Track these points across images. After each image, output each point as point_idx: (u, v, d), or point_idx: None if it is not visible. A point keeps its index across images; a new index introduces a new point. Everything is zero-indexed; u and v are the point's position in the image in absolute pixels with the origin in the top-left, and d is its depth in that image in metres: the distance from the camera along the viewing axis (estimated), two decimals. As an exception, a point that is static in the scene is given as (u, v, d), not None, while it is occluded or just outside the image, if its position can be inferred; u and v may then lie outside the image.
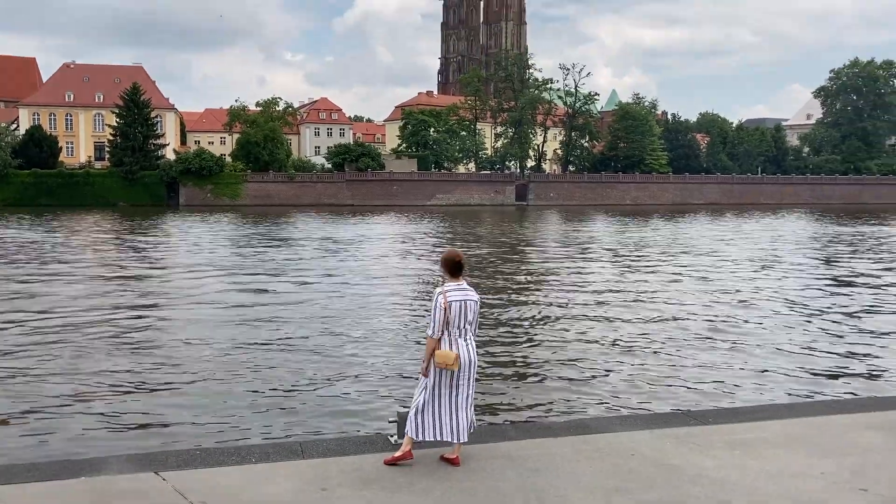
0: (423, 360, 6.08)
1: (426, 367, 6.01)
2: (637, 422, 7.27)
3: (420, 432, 6.01)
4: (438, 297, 5.93)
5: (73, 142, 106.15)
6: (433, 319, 5.93)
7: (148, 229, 49.88)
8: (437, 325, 5.91)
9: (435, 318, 5.92)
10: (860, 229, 53.70)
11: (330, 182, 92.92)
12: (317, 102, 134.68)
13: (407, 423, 6.08)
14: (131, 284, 23.50)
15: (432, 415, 6.00)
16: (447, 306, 5.89)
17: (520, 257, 33.83)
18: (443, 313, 5.89)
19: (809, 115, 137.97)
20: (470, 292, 6.05)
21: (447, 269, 6.05)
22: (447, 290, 5.95)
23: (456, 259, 6.05)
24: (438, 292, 5.95)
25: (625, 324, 16.86)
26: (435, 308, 5.93)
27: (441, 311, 5.89)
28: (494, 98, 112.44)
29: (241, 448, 6.60)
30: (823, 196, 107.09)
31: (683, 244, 40.66)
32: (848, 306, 19.82)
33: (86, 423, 9.66)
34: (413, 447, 6.08)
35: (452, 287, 5.97)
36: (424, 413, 6.00)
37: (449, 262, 6.04)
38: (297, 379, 11.81)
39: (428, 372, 5.99)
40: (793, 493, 5.48)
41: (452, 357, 5.87)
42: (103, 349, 13.93)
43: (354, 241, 41.05)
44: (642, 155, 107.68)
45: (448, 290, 5.95)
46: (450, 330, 5.91)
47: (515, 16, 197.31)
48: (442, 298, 5.90)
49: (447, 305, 5.89)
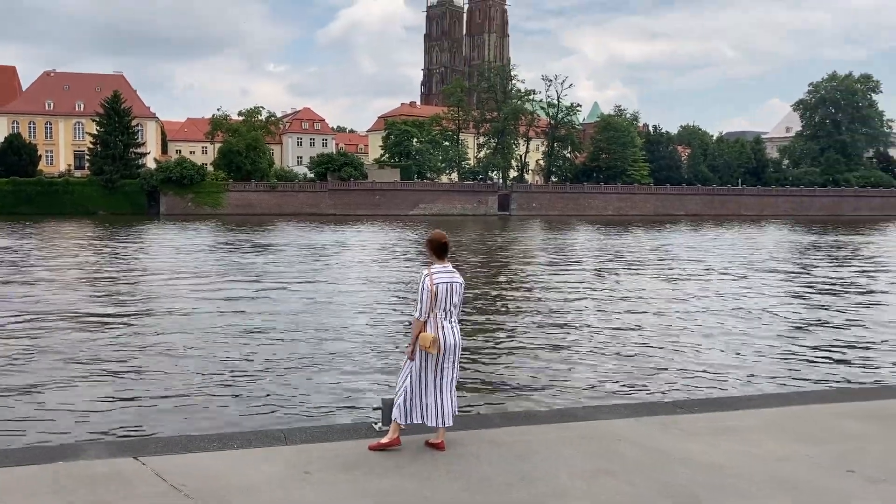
0: (410, 343, 6.00)
1: (412, 350, 5.93)
2: (622, 410, 7.22)
3: (407, 417, 5.93)
4: (425, 279, 5.86)
5: (53, 150, 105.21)
6: (420, 301, 5.86)
7: (126, 237, 49.41)
8: (425, 307, 5.83)
9: (422, 300, 5.84)
10: (838, 238, 54.20)
11: (312, 191, 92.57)
12: (299, 112, 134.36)
13: (393, 408, 6.00)
14: (106, 287, 23.23)
15: (419, 399, 5.93)
16: (434, 288, 5.82)
17: (502, 262, 33.81)
18: (430, 295, 5.82)
19: (789, 128, 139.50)
20: (455, 275, 5.99)
21: (433, 250, 5.98)
22: (434, 272, 5.89)
23: (442, 240, 5.98)
24: (425, 274, 5.88)
25: (608, 322, 16.90)
26: (422, 290, 5.85)
27: (428, 293, 5.82)
28: (477, 109, 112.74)
29: (223, 435, 6.47)
30: (803, 207, 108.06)
31: (666, 251, 40.83)
32: (828, 307, 20.06)
33: (61, 415, 9.49)
34: (400, 434, 6.01)
35: (438, 269, 5.91)
36: (412, 397, 5.92)
37: (435, 244, 5.97)
38: (279, 371, 11.71)
39: (414, 355, 5.92)
40: (781, 474, 5.45)
41: (430, 339, 5.80)
42: (80, 346, 13.73)
43: (335, 248, 40.89)
44: (624, 166, 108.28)
45: (435, 273, 5.88)
46: (436, 312, 5.85)
47: (498, 28, 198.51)
48: (429, 280, 5.83)
49: (434, 287, 5.82)
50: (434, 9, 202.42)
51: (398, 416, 5.95)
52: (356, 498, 4.96)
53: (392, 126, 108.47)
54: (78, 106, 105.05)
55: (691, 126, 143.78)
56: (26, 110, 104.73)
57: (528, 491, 5.09)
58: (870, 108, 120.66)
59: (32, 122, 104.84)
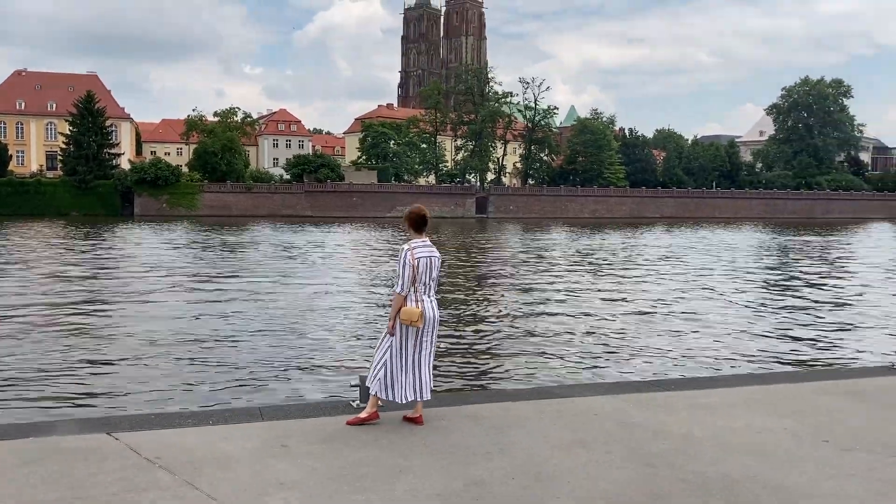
0: (390, 317, 5.93)
1: (393, 325, 5.88)
2: (599, 388, 7.26)
3: (387, 392, 5.90)
4: (406, 253, 5.82)
5: (24, 150, 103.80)
6: (401, 276, 5.81)
7: (97, 236, 48.84)
8: (406, 282, 5.80)
9: (404, 274, 5.80)
10: (807, 239, 54.91)
11: (288, 193, 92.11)
12: (275, 114, 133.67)
13: (372, 382, 5.96)
14: (77, 283, 22.94)
15: (399, 374, 5.90)
16: (416, 263, 5.80)
17: (478, 260, 33.86)
18: (411, 270, 5.80)
19: (762, 132, 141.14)
20: (434, 249, 5.98)
21: (412, 224, 5.95)
22: (414, 246, 5.86)
23: (421, 213, 5.96)
24: (406, 249, 5.84)
25: (588, 313, 17.00)
26: (404, 264, 5.80)
27: (410, 267, 5.79)
28: (454, 111, 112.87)
29: (198, 412, 6.42)
30: (776, 210, 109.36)
31: (642, 250, 41.10)
32: (800, 298, 20.41)
33: (30, 401, 9.34)
34: (378, 409, 5.98)
35: (419, 243, 5.89)
36: (392, 372, 5.89)
37: (414, 217, 5.94)
38: (255, 353, 11.66)
39: (395, 329, 5.88)
40: (758, 443, 5.49)
41: (417, 313, 5.78)
42: (52, 335, 13.55)
43: (309, 246, 40.70)
44: (600, 169, 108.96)
45: (415, 247, 5.86)
46: (416, 286, 5.83)
47: (475, 31, 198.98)
48: (410, 255, 5.80)
49: (416, 262, 5.80)
50: (411, 11, 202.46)
51: (379, 390, 5.90)
52: (334, 469, 4.92)
53: (369, 128, 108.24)
54: (50, 106, 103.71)
55: (666, 130, 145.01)
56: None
57: (507, 460, 5.08)
58: (841, 113, 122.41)
59: (3, 122, 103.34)
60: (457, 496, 4.48)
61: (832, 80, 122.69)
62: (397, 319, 5.84)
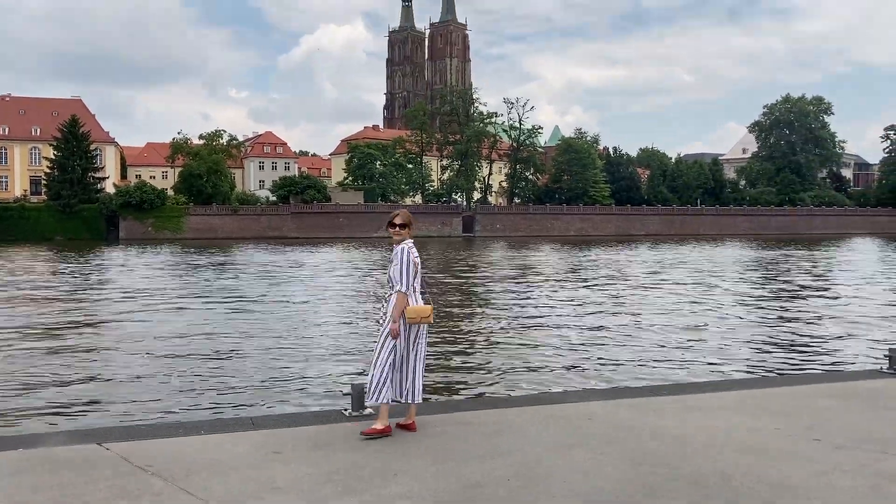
0: (393, 319, 5.73)
1: (398, 326, 5.73)
2: (592, 394, 7.27)
3: (398, 393, 5.80)
4: (407, 252, 5.78)
5: (8, 175, 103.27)
6: (404, 274, 5.73)
7: (81, 260, 48.49)
8: (410, 280, 5.76)
9: (407, 272, 5.74)
10: (793, 253, 55.28)
11: (275, 214, 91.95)
12: (261, 136, 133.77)
13: (382, 389, 5.73)
14: (62, 304, 22.74)
15: (400, 375, 5.85)
16: (416, 261, 5.82)
17: (468, 278, 33.85)
18: (414, 268, 5.79)
19: (745, 150, 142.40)
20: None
21: (408, 225, 5.94)
22: (410, 246, 5.87)
23: (410, 215, 6.00)
24: (405, 248, 5.80)
25: (576, 324, 17.00)
26: (406, 263, 5.75)
27: (413, 265, 5.79)
28: (440, 132, 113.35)
29: (189, 422, 6.36)
30: (760, 227, 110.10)
31: (630, 265, 41.23)
32: (788, 307, 20.49)
33: (23, 414, 9.24)
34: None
35: (411, 244, 5.91)
36: (398, 374, 5.80)
37: (407, 218, 5.95)
38: (245, 366, 11.60)
39: (399, 330, 5.77)
40: (751, 442, 5.51)
41: (428, 310, 5.78)
42: (39, 353, 13.41)
43: (295, 266, 40.57)
44: (585, 187, 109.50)
45: (412, 247, 5.87)
46: (413, 285, 5.82)
47: (460, 53, 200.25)
48: (411, 253, 5.81)
49: (416, 260, 5.82)
50: (396, 34, 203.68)
51: (391, 395, 5.76)
52: (328, 473, 4.89)
53: (355, 149, 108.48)
54: (34, 131, 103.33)
55: (650, 148, 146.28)
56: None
57: (502, 463, 5.07)
58: (822, 130, 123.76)
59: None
60: (452, 497, 4.47)
61: (813, 98, 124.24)
62: (401, 320, 5.76)
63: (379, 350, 5.81)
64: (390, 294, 5.83)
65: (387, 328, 5.77)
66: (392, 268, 5.84)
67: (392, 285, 5.83)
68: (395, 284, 5.76)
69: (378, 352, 5.81)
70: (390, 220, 5.93)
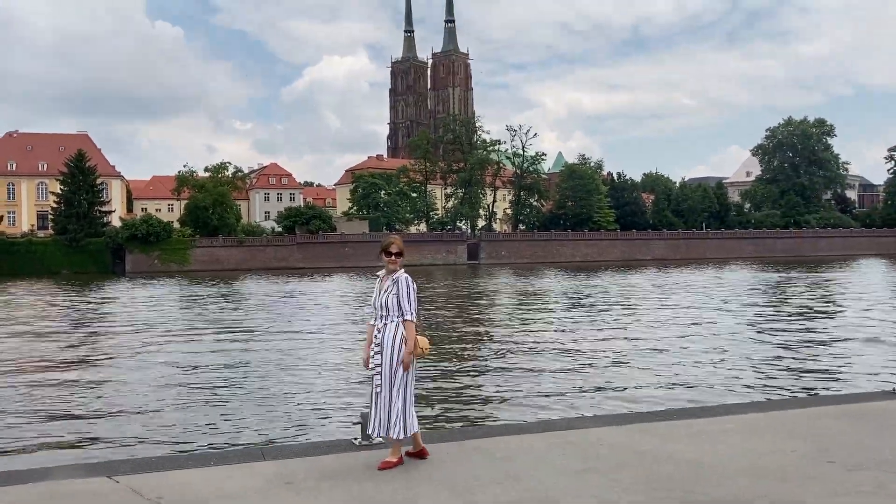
0: (408, 350, 5.59)
1: (410, 357, 5.62)
2: (604, 420, 7.22)
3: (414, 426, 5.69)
4: (410, 281, 5.75)
5: (16, 211, 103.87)
6: (411, 302, 5.68)
7: (89, 293, 48.59)
8: (415, 307, 5.74)
9: (413, 300, 5.71)
10: (800, 275, 55.10)
11: (280, 245, 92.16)
12: (266, 168, 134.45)
13: (407, 421, 5.60)
14: (69, 338, 22.75)
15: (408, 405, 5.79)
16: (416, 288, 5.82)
17: (475, 305, 33.81)
18: (415, 296, 5.78)
19: (749, 173, 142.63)
20: None
21: (403, 254, 5.93)
22: (408, 276, 5.85)
23: (403, 244, 5.99)
24: (407, 278, 5.76)
25: (585, 347, 16.93)
26: (411, 290, 5.70)
27: (415, 293, 5.77)
28: (443, 160, 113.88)
29: (199, 454, 6.34)
30: (766, 249, 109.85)
31: (637, 290, 41.14)
32: (798, 329, 20.36)
33: (31, 444, 9.21)
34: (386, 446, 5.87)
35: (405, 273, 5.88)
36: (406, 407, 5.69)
37: (402, 247, 5.94)
38: (254, 396, 11.54)
39: (412, 361, 5.67)
40: (765, 465, 5.46)
41: (427, 341, 5.77)
42: (47, 386, 13.40)
43: (303, 297, 40.57)
44: (590, 213, 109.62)
45: (409, 276, 5.85)
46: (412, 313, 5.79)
47: (462, 81, 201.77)
48: (411, 283, 5.79)
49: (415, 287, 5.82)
50: (398, 64, 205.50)
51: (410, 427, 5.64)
52: (340, 502, 4.86)
53: (360, 179, 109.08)
54: (41, 166, 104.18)
55: (654, 173, 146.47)
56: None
57: (515, 489, 5.03)
58: (825, 152, 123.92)
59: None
60: (466, 525, 4.42)
61: (815, 120, 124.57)
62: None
63: (392, 382, 5.64)
64: (384, 323, 5.71)
65: (394, 359, 5.63)
66: (388, 297, 5.69)
67: (385, 314, 5.71)
68: (406, 314, 5.65)
69: (389, 383, 5.64)
70: (386, 249, 5.85)
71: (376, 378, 5.69)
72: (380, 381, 5.66)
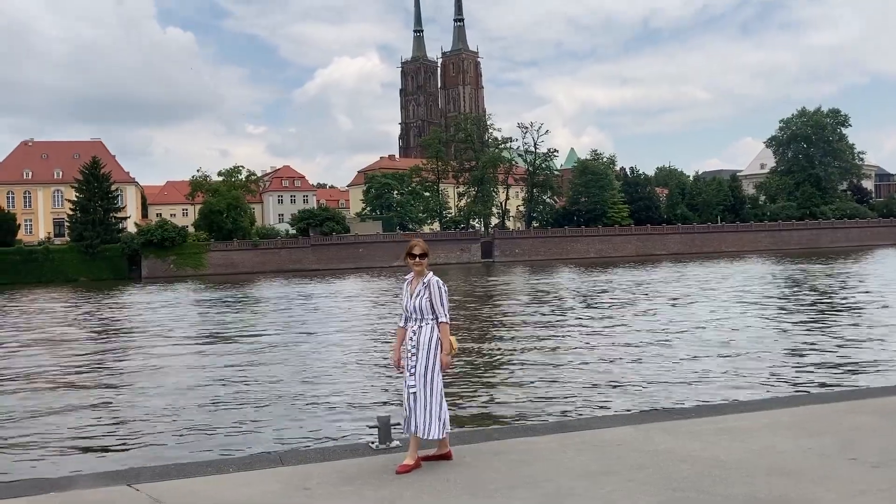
0: (445, 351, 5.68)
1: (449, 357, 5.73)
2: (621, 419, 7.19)
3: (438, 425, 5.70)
4: (441, 283, 5.78)
5: (32, 219, 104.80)
6: (444, 304, 5.71)
7: (107, 299, 48.96)
8: (448, 310, 5.78)
9: (446, 302, 5.75)
10: (814, 267, 54.70)
11: (295, 247, 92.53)
12: (279, 170, 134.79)
13: (441, 424, 5.67)
14: (86, 346, 22.95)
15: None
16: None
17: (492, 301, 33.79)
18: (447, 297, 5.81)
19: (763, 165, 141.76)
20: None
21: (428, 255, 5.95)
22: (437, 278, 5.87)
23: (427, 245, 6.02)
24: (437, 280, 5.79)
25: (603, 344, 16.89)
26: (443, 293, 5.75)
27: (447, 295, 5.81)
28: (455, 159, 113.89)
29: (218, 461, 6.38)
30: (782, 242, 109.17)
31: (653, 285, 40.98)
32: (815, 322, 20.20)
33: (51, 452, 9.29)
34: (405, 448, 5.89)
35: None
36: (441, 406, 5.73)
37: (427, 248, 5.96)
38: (270, 400, 11.58)
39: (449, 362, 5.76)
40: (783, 465, 5.42)
41: (454, 341, 5.82)
42: (65, 395, 13.52)
43: (319, 297, 40.70)
44: (604, 208, 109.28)
45: (440, 278, 5.88)
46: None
47: (472, 80, 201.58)
48: (442, 284, 5.81)
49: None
50: (409, 64, 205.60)
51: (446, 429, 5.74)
52: (358, 508, 4.87)
53: (372, 179, 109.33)
54: (56, 174, 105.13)
55: (667, 167, 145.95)
56: (4, 180, 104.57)
57: (532, 491, 5.03)
58: (840, 142, 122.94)
59: (11, 192, 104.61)
60: (484, 529, 4.42)
61: (829, 110, 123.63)
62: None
63: (430, 383, 5.69)
64: (419, 326, 5.76)
65: (430, 361, 5.68)
66: (421, 300, 5.74)
67: (420, 317, 5.76)
68: (441, 316, 5.69)
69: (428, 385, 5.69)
70: (409, 251, 5.89)
71: (409, 380, 5.71)
72: (414, 383, 5.69)
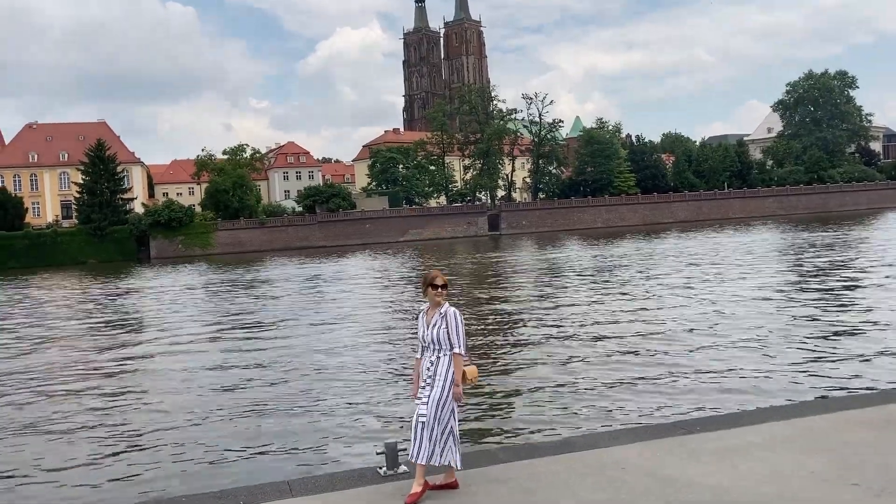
0: (458, 382, 5.78)
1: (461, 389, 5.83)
2: (624, 436, 7.23)
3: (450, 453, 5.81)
4: (458, 315, 5.83)
5: (39, 202, 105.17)
6: (460, 336, 5.79)
7: (118, 284, 49.18)
8: (464, 342, 5.85)
9: (462, 333, 5.82)
10: (825, 234, 54.40)
11: (301, 225, 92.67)
12: (284, 147, 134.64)
13: (456, 453, 5.80)
14: (91, 342, 23.09)
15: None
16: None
17: (497, 281, 33.80)
18: (464, 329, 5.87)
19: (770, 129, 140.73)
20: None
21: (447, 286, 6.00)
22: (455, 309, 5.91)
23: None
24: (455, 311, 5.84)
25: (606, 339, 16.90)
26: (460, 324, 5.81)
27: (464, 327, 5.87)
28: (460, 131, 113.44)
29: (227, 491, 6.44)
30: (790, 206, 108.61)
31: (659, 259, 40.89)
32: (816, 314, 20.09)
33: (55, 475, 9.41)
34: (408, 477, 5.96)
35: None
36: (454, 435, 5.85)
37: (445, 280, 5.99)
38: (278, 419, 11.63)
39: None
40: (785, 493, 5.47)
41: (475, 371, 5.91)
42: (79, 401, 13.64)
43: (331, 279, 40.77)
44: (610, 178, 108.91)
45: (457, 309, 5.92)
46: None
47: (475, 50, 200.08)
48: (460, 317, 5.85)
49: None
50: (411, 35, 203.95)
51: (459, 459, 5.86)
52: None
53: (377, 154, 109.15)
54: (62, 156, 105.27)
55: (673, 133, 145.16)
56: (10, 164, 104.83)
57: (537, 528, 5.09)
58: (848, 104, 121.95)
59: (17, 176, 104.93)
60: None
61: (836, 73, 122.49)
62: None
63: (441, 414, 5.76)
64: (437, 357, 5.81)
65: (445, 392, 5.75)
66: (438, 330, 5.78)
67: (438, 347, 5.81)
68: (455, 347, 5.76)
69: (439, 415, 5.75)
70: (431, 282, 5.89)
71: (421, 408, 5.79)
72: (425, 412, 5.76)
